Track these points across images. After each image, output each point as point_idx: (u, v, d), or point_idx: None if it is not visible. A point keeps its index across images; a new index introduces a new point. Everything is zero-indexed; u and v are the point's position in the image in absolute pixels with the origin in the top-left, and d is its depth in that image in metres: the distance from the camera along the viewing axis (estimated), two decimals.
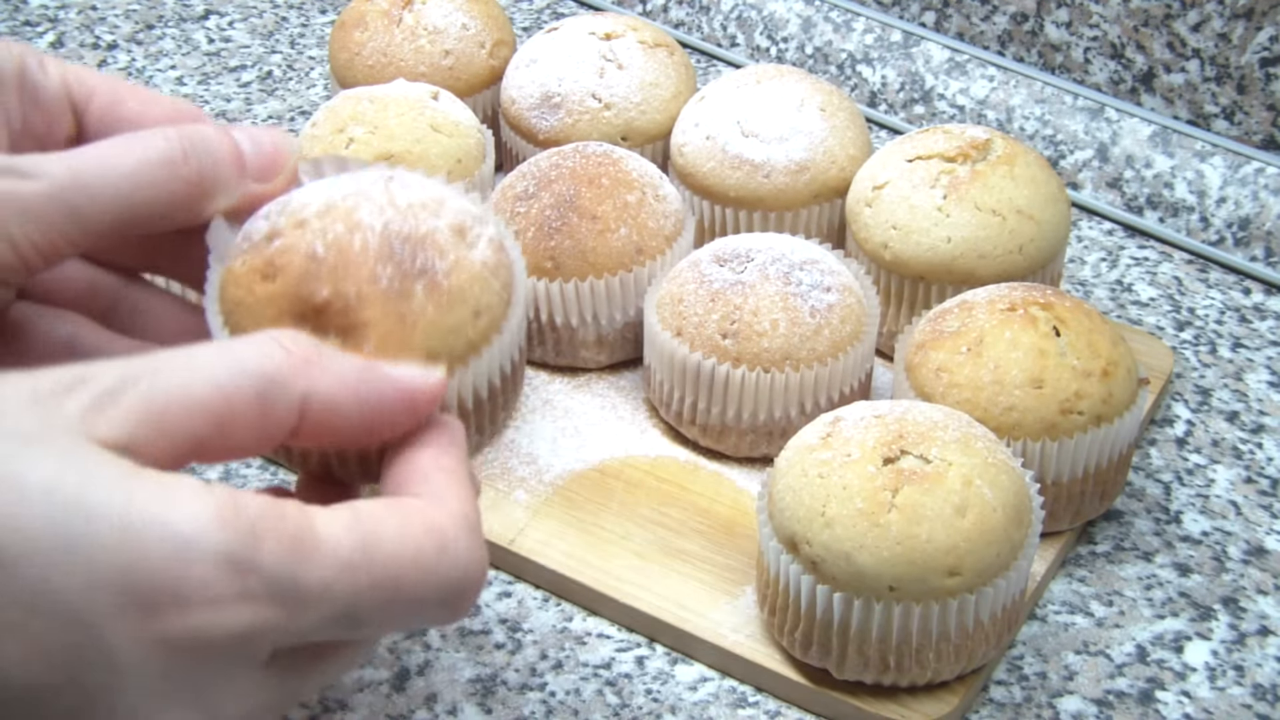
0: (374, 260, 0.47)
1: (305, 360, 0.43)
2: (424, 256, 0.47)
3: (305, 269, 0.46)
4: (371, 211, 0.47)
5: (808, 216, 0.82)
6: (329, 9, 1.12)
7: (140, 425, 0.40)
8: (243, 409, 0.41)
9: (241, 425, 0.42)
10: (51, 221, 0.45)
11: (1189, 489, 0.75)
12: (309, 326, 0.46)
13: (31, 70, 0.49)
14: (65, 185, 0.45)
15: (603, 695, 0.65)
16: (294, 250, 0.47)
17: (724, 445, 0.74)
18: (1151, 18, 0.90)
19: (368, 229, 0.47)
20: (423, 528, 0.42)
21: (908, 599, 0.60)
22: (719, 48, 1.06)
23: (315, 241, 0.47)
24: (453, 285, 0.47)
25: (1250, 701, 0.65)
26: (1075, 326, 0.68)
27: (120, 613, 0.38)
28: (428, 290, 0.47)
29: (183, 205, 0.48)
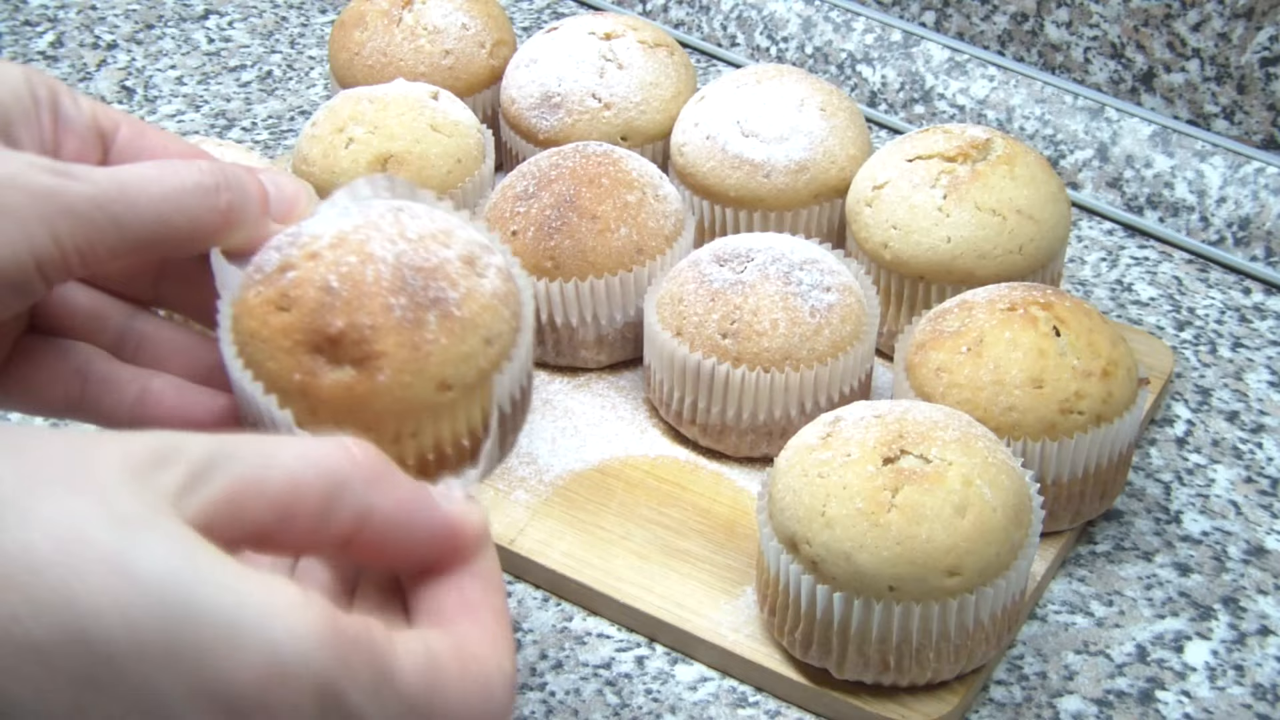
0: (387, 291, 0.47)
1: (372, 474, 0.43)
2: (436, 287, 0.48)
3: (320, 301, 0.47)
4: (383, 243, 0.48)
5: (808, 216, 0.82)
6: (329, 9, 1.12)
7: (223, 508, 0.40)
8: (307, 506, 0.42)
9: (303, 523, 0.42)
10: (95, 224, 0.46)
11: (1189, 489, 0.75)
12: (324, 358, 0.47)
13: (64, 98, 0.50)
14: (109, 192, 0.46)
15: (603, 695, 0.65)
16: (308, 282, 0.48)
17: (724, 445, 0.74)
18: (1151, 18, 0.90)
19: (380, 260, 0.48)
20: (477, 679, 0.43)
21: (908, 599, 0.60)
22: (719, 47, 1.06)
23: (329, 274, 0.48)
24: (465, 315, 0.48)
25: (1250, 701, 0.65)
26: (1075, 326, 0.68)
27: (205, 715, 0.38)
28: (441, 320, 0.48)
29: (210, 233, 0.49)
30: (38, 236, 0.45)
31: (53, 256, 0.46)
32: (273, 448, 0.42)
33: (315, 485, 0.42)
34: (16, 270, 0.45)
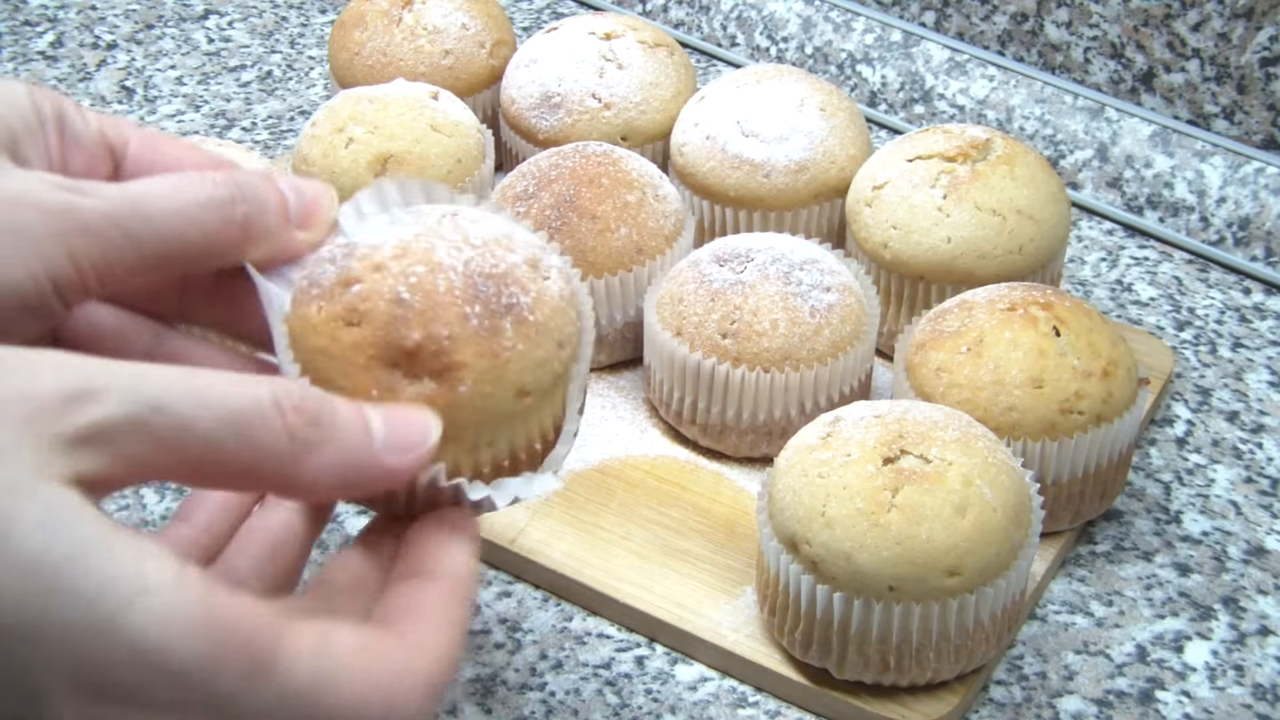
0: (461, 300, 0.47)
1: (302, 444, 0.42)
2: (509, 293, 0.48)
3: (392, 314, 0.46)
4: (449, 251, 0.48)
5: (808, 216, 0.82)
6: (329, 9, 1.12)
7: (126, 465, 0.40)
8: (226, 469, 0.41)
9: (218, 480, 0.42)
10: (110, 242, 0.45)
11: (1189, 489, 0.75)
12: (401, 371, 0.46)
13: (70, 113, 0.49)
14: (123, 208, 0.46)
15: (603, 695, 0.65)
16: (377, 295, 0.47)
17: (724, 445, 0.74)
18: (1151, 18, 0.90)
19: (450, 269, 0.47)
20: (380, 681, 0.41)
21: (908, 599, 0.60)
22: (719, 47, 1.06)
23: (398, 285, 0.47)
24: (539, 319, 0.48)
25: (1250, 701, 0.65)
26: (1075, 326, 0.68)
27: (71, 694, 0.38)
28: (516, 326, 0.47)
29: (228, 247, 0.48)
30: (53, 256, 0.44)
31: (69, 276, 0.45)
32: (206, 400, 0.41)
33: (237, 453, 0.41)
34: (33, 291, 0.44)
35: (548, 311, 0.48)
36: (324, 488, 0.43)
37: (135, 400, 0.40)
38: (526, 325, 0.48)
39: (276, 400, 0.42)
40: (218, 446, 0.41)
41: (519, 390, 0.47)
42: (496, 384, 0.47)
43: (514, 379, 0.47)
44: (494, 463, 0.48)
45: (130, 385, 0.40)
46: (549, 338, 0.48)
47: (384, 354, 0.46)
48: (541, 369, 0.48)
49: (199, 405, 0.40)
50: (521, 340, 0.47)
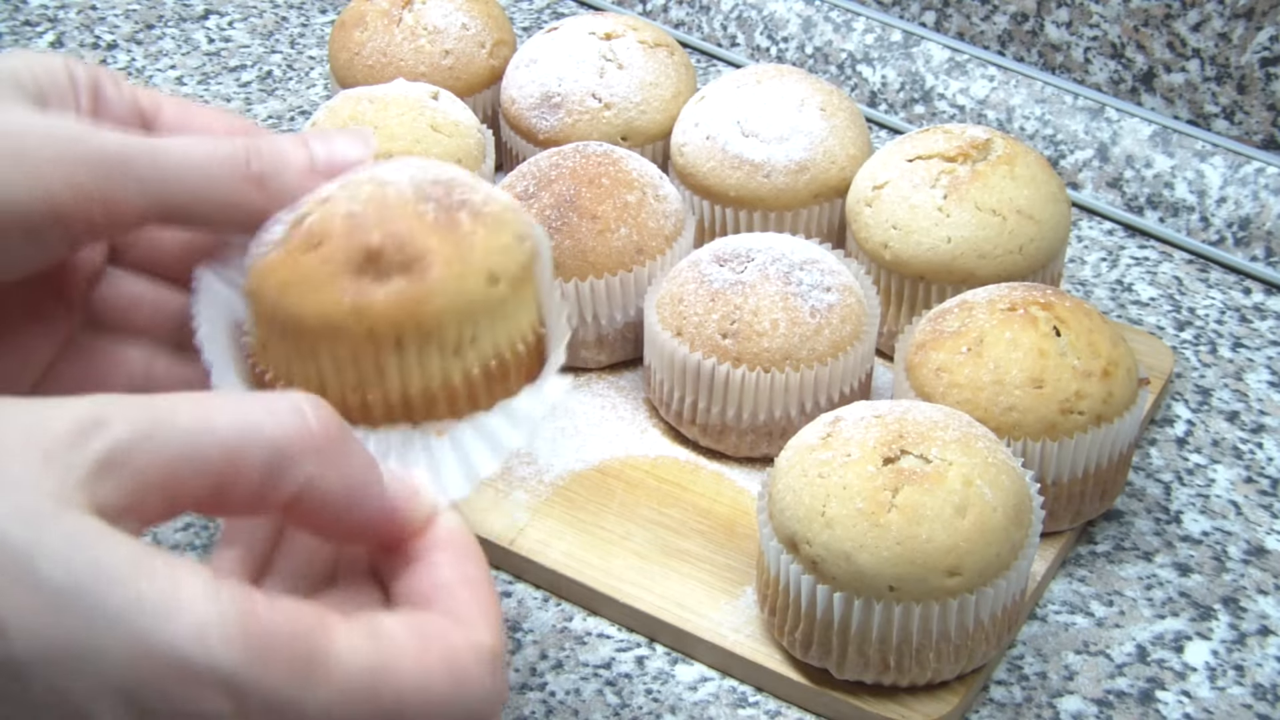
0: (413, 202, 0.47)
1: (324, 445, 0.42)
2: (459, 192, 0.48)
3: (348, 224, 0.47)
4: (392, 172, 0.48)
5: (808, 216, 0.82)
6: (329, 9, 1.12)
7: (146, 489, 0.40)
8: (246, 480, 0.41)
9: (240, 492, 0.41)
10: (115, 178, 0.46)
11: (1189, 489, 0.75)
12: (369, 276, 0.46)
13: (104, 81, 0.50)
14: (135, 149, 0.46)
15: (603, 695, 0.65)
16: (330, 216, 0.47)
17: (724, 445, 0.74)
18: (1152, 17, 0.90)
19: (395, 183, 0.48)
20: (441, 658, 0.41)
21: (908, 599, 0.60)
22: (719, 47, 1.06)
23: (350, 204, 0.47)
24: (494, 212, 0.48)
25: (1250, 701, 0.65)
26: (1075, 326, 0.68)
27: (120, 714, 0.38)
28: (473, 217, 0.48)
29: (244, 203, 0.48)
30: (52, 181, 0.45)
31: (70, 205, 0.45)
32: (212, 415, 0.40)
33: (255, 457, 0.41)
34: (33, 214, 0.45)
35: (499, 207, 0.49)
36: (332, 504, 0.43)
37: (144, 419, 0.40)
38: (483, 215, 0.48)
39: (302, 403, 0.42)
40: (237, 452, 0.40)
41: (489, 275, 0.47)
42: (465, 265, 0.47)
43: (481, 261, 0.47)
44: (482, 364, 0.48)
45: (138, 408, 0.40)
46: (507, 228, 0.48)
47: (349, 261, 0.46)
48: (506, 254, 0.48)
49: (213, 411, 0.40)
50: (481, 227, 0.48)
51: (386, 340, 0.46)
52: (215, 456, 0.40)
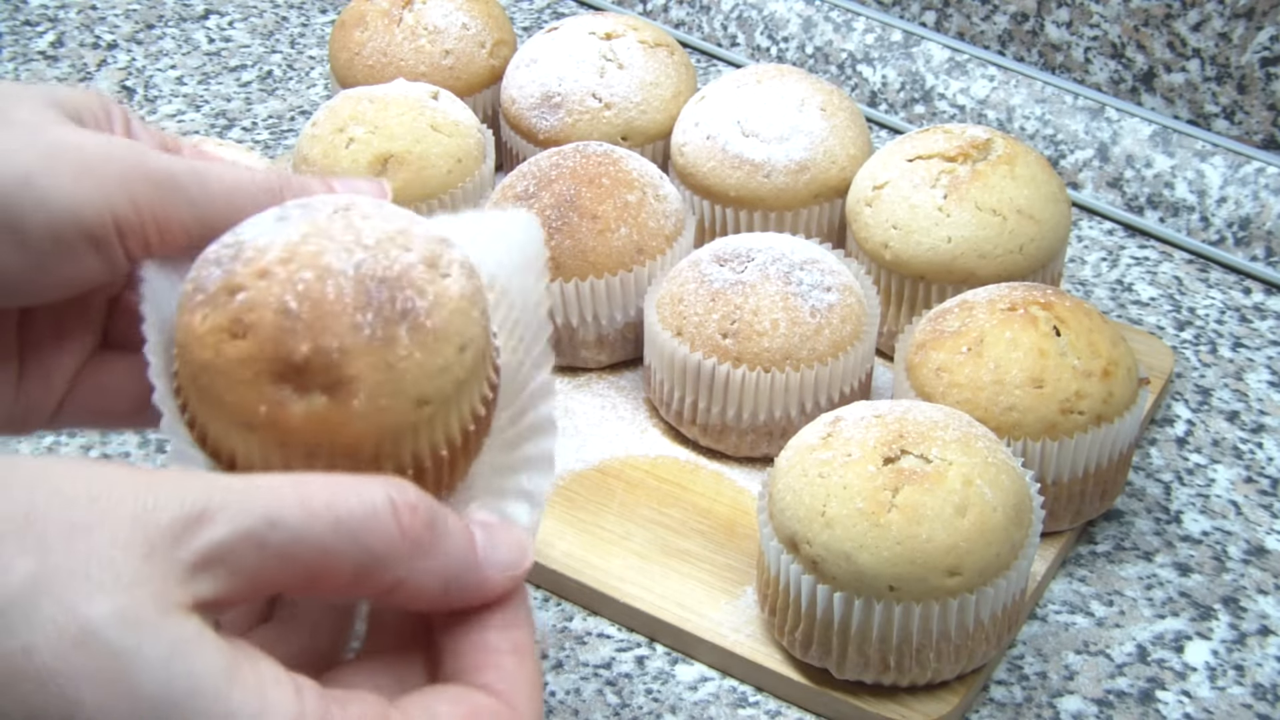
0: (352, 309, 0.44)
1: (415, 546, 0.42)
2: (404, 298, 0.45)
3: (279, 325, 0.44)
4: (339, 253, 0.45)
5: (808, 216, 0.82)
6: (329, 9, 1.12)
7: (241, 585, 0.40)
8: (337, 577, 0.42)
9: (329, 587, 0.42)
10: (169, 197, 0.47)
11: (1189, 489, 0.75)
12: (290, 386, 0.44)
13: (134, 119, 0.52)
14: (185, 171, 0.48)
15: (603, 695, 0.65)
16: (263, 305, 0.44)
17: (724, 445, 0.74)
18: (1152, 17, 0.90)
19: (339, 274, 0.44)
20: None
21: (908, 599, 0.60)
22: (719, 47, 1.06)
23: (284, 294, 0.44)
24: (436, 325, 0.45)
25: (1250, 701, 0.65)
26: (1075, 326, 0.68)
27: None
28: (412, 333, 0.45)
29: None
30: (116, 196, 0.46)
31: (130, 220, 0.47)
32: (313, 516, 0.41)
33: (349, 556, 0.41)
34: (100, 228, 0.46)
35: (446, 314, 0.45)
36: (427, 595, 0.43)
37: (249, 516, 0.40)
38: (423, 331, 0.45)
39: (392, 501, 0.42)
40: (332, 553, 0.41)
41: (418, 400, 0.45)
42: (393, 396, 0.44)
43: (411, 389, 0.45)
44: (397, 472, 0.46)
45: (242, 502, 0.40)
46: (448, 343, 0.45)
47: (271, 368, 0.44)
48: (442, 376, 0.45)
49: (310, 515, 0.41)
50: (419, 348, 0.45)
51: (298, 450, 0.45)
52: (310, 559, 0.41)
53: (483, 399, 0.48)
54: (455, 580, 0.44)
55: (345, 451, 0.45)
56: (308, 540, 0.41)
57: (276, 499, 0.41)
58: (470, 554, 0.44)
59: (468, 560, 0.44)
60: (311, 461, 0.45)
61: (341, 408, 0.44)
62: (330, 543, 0.41)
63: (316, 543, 0.41)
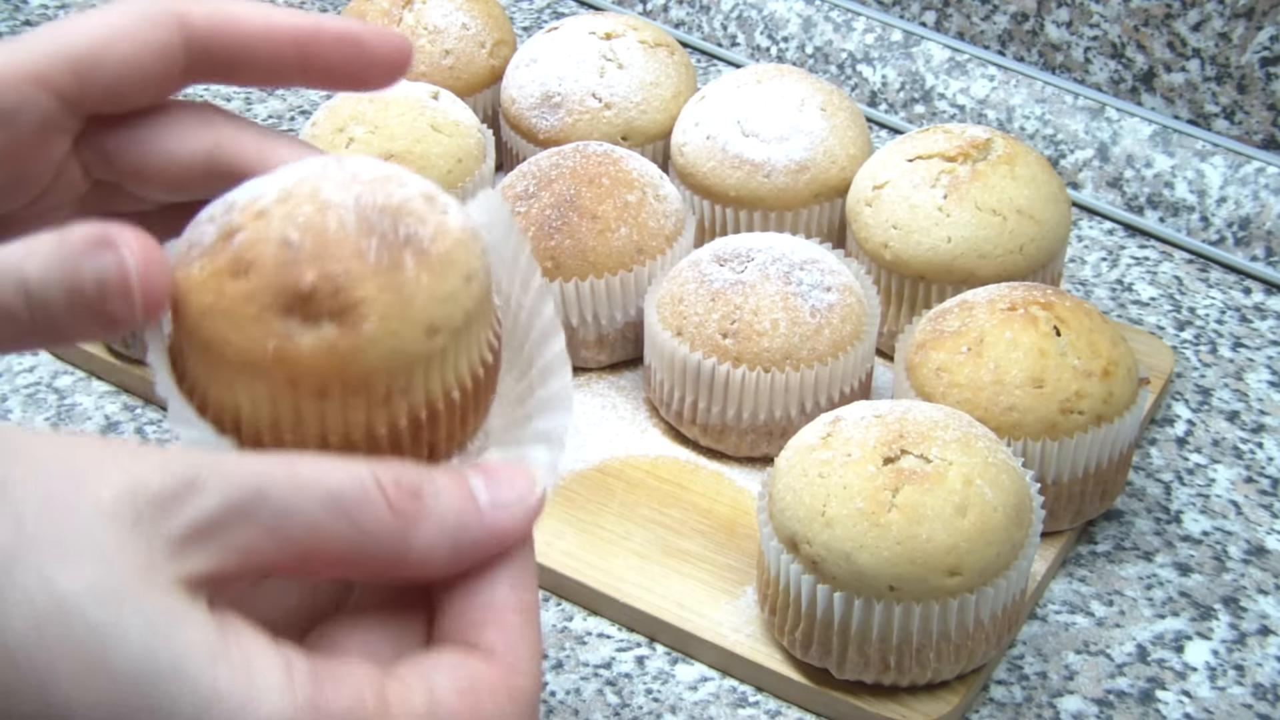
0: (355, 235, 0.43)
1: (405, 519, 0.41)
2: (406, 225, 0.44)
3: (281, 257, 0.43)
4: (337, 189, 0.44)
5: (808, 216, 0.82)
6: (329, 9, 1.12)
7: (230, 560, 0.39)
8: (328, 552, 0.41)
9: (320, 564, 0.41)
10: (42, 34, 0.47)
11: (1189, 489, 0.75)
12: (298, 318, 0.43)
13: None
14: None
15: (603, 695, 0.65)
16: (264, 240, 0.43)
17: (724, 445, 0.74)
18: (1152, 17, 0.90)
19: (340, 206, 0.43)
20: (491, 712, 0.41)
21: (908, 599, 0.60)
22: (719, 47, 1.06)
23: (285, 228, 0.43)
24: (441, 252, 0.44)
25: (1250, 701, 0.65)
26: (1076, 326, 0.68)
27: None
28: (418, 259, 0.43)
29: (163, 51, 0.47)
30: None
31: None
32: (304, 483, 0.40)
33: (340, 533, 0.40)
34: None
35: (450, 244, 0.44)
36: (436, 562, 0.42)
37: (237, 488, 0.39)
38: (429, 257, 0.44)
39: (376, 478, 0.41)
40: (321, 530, 0.40)
41: (428, 327, 0.43)
42: (403, 320, 0.43)
43: (421, 314, 0.43)
44: (410, 414, 0.45)
45: (231, 474, 0.39)
46: (454, 270, 0.44)
47: (277, 301, 0.42)
48: (450, 303, 0.44)
49: (298, 489, 0.40)
50: (426, 272, 0.43)
51: (309, 389, 0.43)
52: (300, 535, 0.40)
53: (489, 346, 0.47)
54: (461, 535, 0.42)
55: (357, 387, 0.43)
56: (298, 515, 0.39)
57: (264, 471, 0.40)
58: (468, 503, 0.43)
59: (466, 510, 0.42)
60: (324, 404, 0.43)
61: (352, 333, 0.43)
62: (320, 518, 0.40)
63: (307, 518, 0.40)
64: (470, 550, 0.42)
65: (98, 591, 0.36)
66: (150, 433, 0.77)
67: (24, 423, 0.77)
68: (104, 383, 0.80)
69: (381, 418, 0.44)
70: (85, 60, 0.47)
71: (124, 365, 0.79)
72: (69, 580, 0.36)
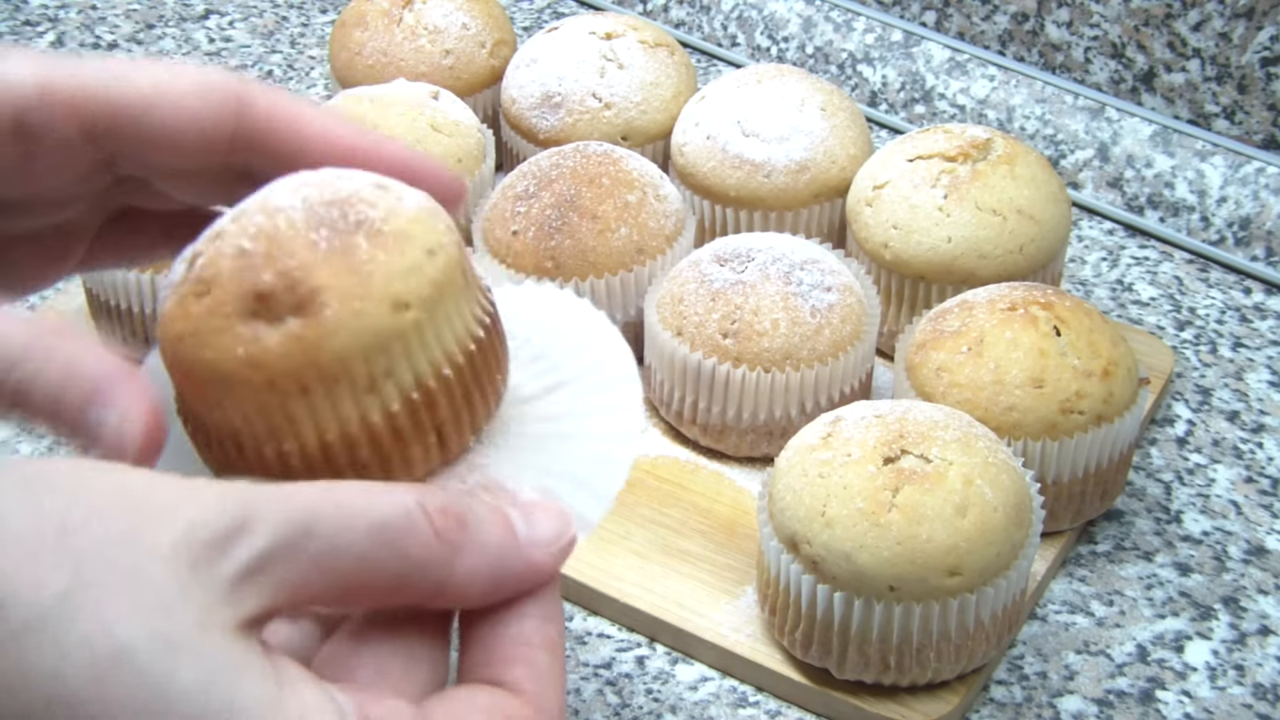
0: (305, 229, 0.43)
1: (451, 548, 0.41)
2: (355, 211, 0.44)
3: (237, 266, 0.43)
4: (285, 194, 0.45)
5: (808, 216, 0.82)
6: (329, 9, 1.12)
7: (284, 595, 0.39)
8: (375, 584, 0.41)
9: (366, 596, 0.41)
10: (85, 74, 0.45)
11: (1189, 489, 0.75)
12: (262, 321, 0.43)
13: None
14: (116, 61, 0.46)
15: (603, 695, 0.65)
16: (220, 256, 0.44)
17: (724, 445, 0.74)
18: (1152, 17, 0.90)
19: (288, 208, 0.44)
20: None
21: (908, 599, 0.60)
22: (719, 47, 1.06)
23: (239, 239, 0.44)
24: (395, 229, 0.44)
25: (1250, 701, 0.65)
26: (1076, 326, 0.68)
27: None
28: (371, 238, 0.44)
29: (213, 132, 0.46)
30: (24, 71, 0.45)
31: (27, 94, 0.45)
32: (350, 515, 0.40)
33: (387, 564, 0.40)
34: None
35: (403, 222, 0.44)
36: (475, 592, 0.42)
37: (286, 524, 0.39)
38: (382, 236, 0.44)
39: (422, 505, 0.41)
40: (369, 561, 0.40)
41: (394, 302, 0.43)
42: (364, 299, 0.43)
43: (382, 290, 0.43)
44: (402, 396, 0.44)
45: (279, 509, 0.39)
46: (411, 244, 0.44)
47: (239, 309, 0.43)
48: (413, 276, 0.44)
49: (346, 523, 0.40)
50: (381, 250, 0.43)
51: (289, 388, 0.43)
52: (347, 567, 0.40)
53: (478, 321, 0.46)
54: (500, 569, 0.42)
55: (336, 375, 0.43)
56: (346, 548, 0.40)
57: (312, 505, 0.40)
58: (509, 538, 0.43)
59: (507, 545, 0.43)
60: (310, 400, 0.43)
61: (315, 321, 0.43)
62: (367, 549, 0.40)
63: (355, 550, 0.40)
64: (508, 582, 0.43)
65: (157, 641, 0.37)
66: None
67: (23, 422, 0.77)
68: None
69: (373, 404, 0.44)
70: (126, 112, 0.46)
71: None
72: (128, 629, 0.36)
